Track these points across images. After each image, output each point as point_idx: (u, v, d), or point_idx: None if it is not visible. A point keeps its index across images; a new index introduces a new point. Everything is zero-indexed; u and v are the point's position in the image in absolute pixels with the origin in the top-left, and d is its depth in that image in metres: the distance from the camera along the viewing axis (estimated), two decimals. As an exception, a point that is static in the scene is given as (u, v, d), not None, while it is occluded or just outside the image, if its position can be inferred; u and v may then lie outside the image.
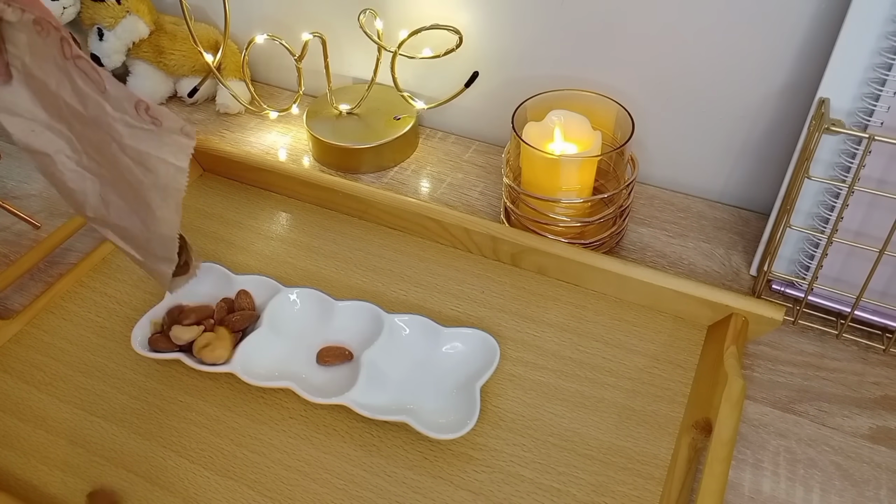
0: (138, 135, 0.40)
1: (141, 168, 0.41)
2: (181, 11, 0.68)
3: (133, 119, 0.40)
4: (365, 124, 0.72)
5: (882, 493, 0.45)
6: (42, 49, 0.40)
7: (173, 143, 0.40)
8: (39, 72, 0.41)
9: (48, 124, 0.43)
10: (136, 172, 0.42)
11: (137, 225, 0.45)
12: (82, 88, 0.40)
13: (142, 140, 0.40)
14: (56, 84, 0.41)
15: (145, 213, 0.44)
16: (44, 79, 0.41)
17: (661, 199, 0.67)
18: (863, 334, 0.54)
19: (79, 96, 0.41)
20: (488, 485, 0.45)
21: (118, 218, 0.46)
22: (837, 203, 0.50)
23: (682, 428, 0.48)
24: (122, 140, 0.41)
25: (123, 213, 0.45)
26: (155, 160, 0.41)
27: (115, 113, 0.40)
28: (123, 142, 0.41)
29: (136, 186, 0.43)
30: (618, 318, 0.55)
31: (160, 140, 0.40)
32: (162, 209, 0.43)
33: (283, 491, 0.45)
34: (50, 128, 0.43)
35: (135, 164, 0.41)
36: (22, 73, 0.41)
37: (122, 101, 0.40)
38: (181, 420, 0.49)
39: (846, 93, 0.49)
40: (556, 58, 0.66)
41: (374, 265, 0.60)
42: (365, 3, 0.68)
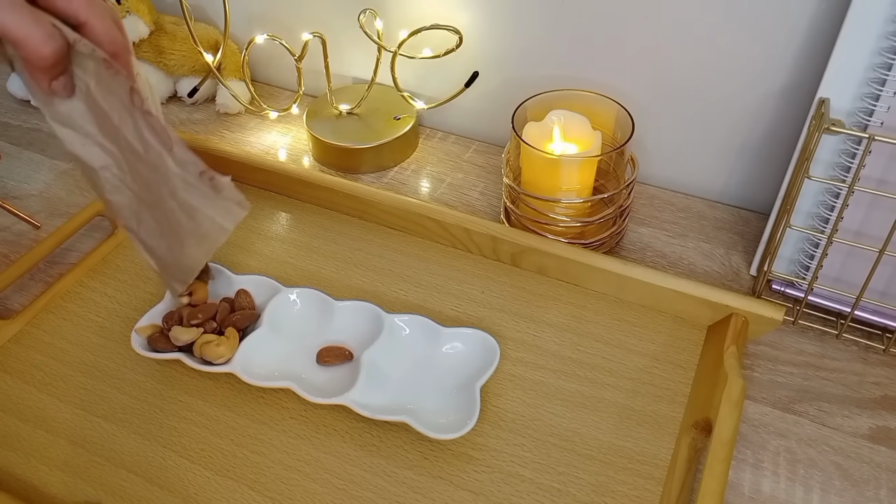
0: (193, 192, 0.41)
1: (186, 216, 0.42)
2: (181, 11, 0.68)
3: (192, 180, 0.41)
4: (365, 124, 0.72)
5: (882, 493, 0.45)
6: (109, 83, 0.40)
7: (225, 209, 0.41)
8: (104, 102, 0.41)
9: (99, 142, 0.44)
10: (179, 216, 0.43)
11: (164, 249, 0.46)
12: (146, 137, 0.41)
13: (195, 196, 0.41)
14: (119, 120, 0.41)
15: (175, 245, 0.45)
16: (107, 110, 0.41)
17: (661, 199, 0.67)
18: (863, 334, 0.54)
19: (140, 140, 0.41)
20: (488, 485, 0.45)
21: (147, 236, 0.47)
22: (837, 203, 0.50)
23: (682, 428, 0.48)
24: (176, 191, 0.42)
25: (153, 234, 0.46)
26: (202, 216, 0.42)
27: (176, 169, 0.41)
28: (177, 193, 0.42)
29: (174, 225, 0.43)
30: (618, 318, 0.55)
31: (213, 203, 0.41)
32: (193, 248, 0.44)
33: (283, 491, 0.45)
34: (100, 145, 0.44)
35: (181, 210, 0.42)
36: (85, 94, 0.42)
37: (187, 164, 0.41)
38: (181, 420, 0.49)
39: (846, 93, 0.49)
40: (556, 58, 0.66)
41: (374, 265, 0.60)
42: (365, 3, 0.68)
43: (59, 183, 0.70)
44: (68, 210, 0.67)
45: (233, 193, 0.41)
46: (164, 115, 0.80)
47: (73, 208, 0.67)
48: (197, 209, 0.42)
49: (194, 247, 0.44)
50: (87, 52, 0.39)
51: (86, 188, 0.69)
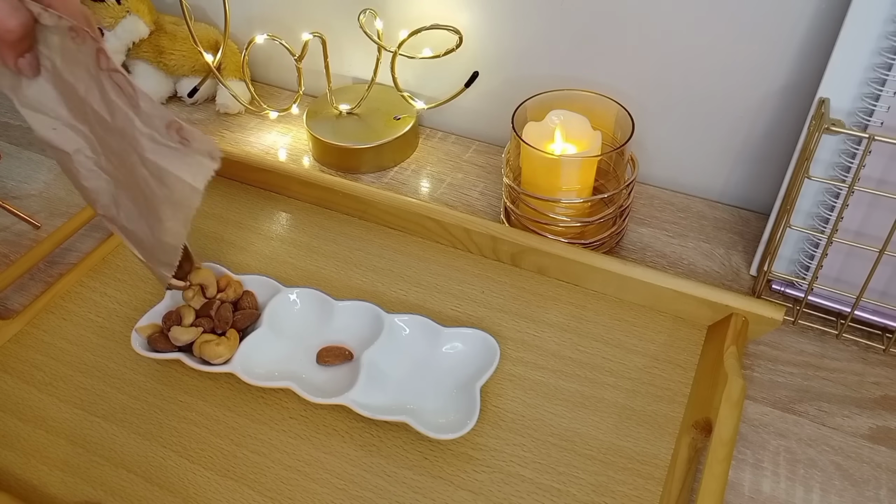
0: (162, 151, 0.41)
1: (157, 182, 0.42)
2: (181, 11, 0.68)
3: (161, 136, 0.40)
4: (365, 124, 0.72)
5: (882, 493, 0.45)
6: (75, 55, 0.40)
7: (195, 164, 0.40)
8: (70, 76, 0.41)
9: (70, 123, 0.43)
10: (152, 185, 0.42)
11: (145, 230, 0.46)
12: (113, 100, 0.40)
13: (164, 156, 0.41)
14: (85, 90, 0.41)
15: (154, 222, 0.44)
16: (73, 83, 0.41)
17: (661, 199, 0.67)
18: (863, 334, 0.54)
19: (107, 106, 0.41)
20: (488, 485, 0.45)
21: (127, 220, 0.46)
22: (837, 203, 0.50)
23: (682, 428, 0.48)
24: (144, 153, 0.41)
25: (133, 216, 0.46)
26: (173, 178, 0.41)
27: (143, 128, 0.40)
28: (145, 155, 0.41)
29: (149, 197, 0.43)
30: (618, 318, 0.55)
31: (182, 159, 0.40)
32: (171, 220, 0.43)
33: (283, 491, 0.45)
34: (72, 127, 0.44)
35: (152, 177, 0.42)
36: (51, 72, 0.42)
37: (153, 118, 0.40)
38: (181, 420, 0.49)
39: (846, 93, 0.49)
40: (556, 58, 0.66)
41: (374, 265, 0.60)
42: (365, 3, 0.68)
43: (59, 183, 0.70)
44: (68, 210, 0.67)
45: (203, 144, 0.40)
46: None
47: (73, 208, 0.67)
48: (167, 172, 0.41)
49: (171, 218, 0.43)
50: (52, 23, 0.39)
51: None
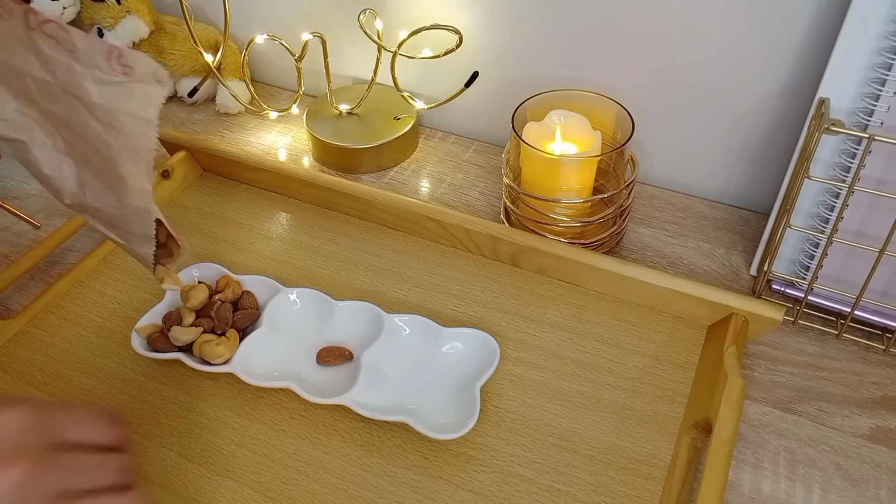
0: (108, 91, 0.39)
1: (111, 131, 0.40)
2: (181, 11, 0.68)
3: (104, 71, 0.38)
4: (365, 124, 0.72)
5: (882, 493, 0.45)
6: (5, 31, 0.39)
7: (143, 96, 0.39)
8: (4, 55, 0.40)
9: (19, 110, 0.42)
10: (106, 137, 0.40)
11: (113, 203, 0.44)
12: (50, 55, 0.39)
13: (111, 97, 0.39)
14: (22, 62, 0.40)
15: (119, 187, 0.42)
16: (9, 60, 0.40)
17: (661, 199, 0.67)
18: (863, 334, 0.54)
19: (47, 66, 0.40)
20: (488, 485, 0.45)
21: (94, 199, 0.44)
22: (837, 203, 0.50)
23: (682, 428, 0.48)
24: (91, 99, 0.39)
25: (99, 192, 0.44)
26: (124, 117, 0.39)
27: (84, 70, 0.39)
28: (92, 101, 0.39)
29: (106, 155, 0.41)
30: (618, 318, 0.55)
31: (130, 94, 0.39)
32: (133, 177, 0.41)
33: (283, 491, 0.45)
34: (21, 113, 0.42)
35: (104, 127, 0.40)
36: None
37: (92, 54, 0.38)
38: (181, 420, 0.49)
39: (846, 93, 0.49)
40: (556, 58, 0.66)
41: (374, 265, 0.60)
42: (365, 3, 0.68)
43: (59, 183, 0.70)
44: (68, 210, 0.67)
45: (146, 66, 0.38)
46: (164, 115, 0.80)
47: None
48: (117, 112, 0.39)
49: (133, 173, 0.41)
50: None
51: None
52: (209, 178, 0.69)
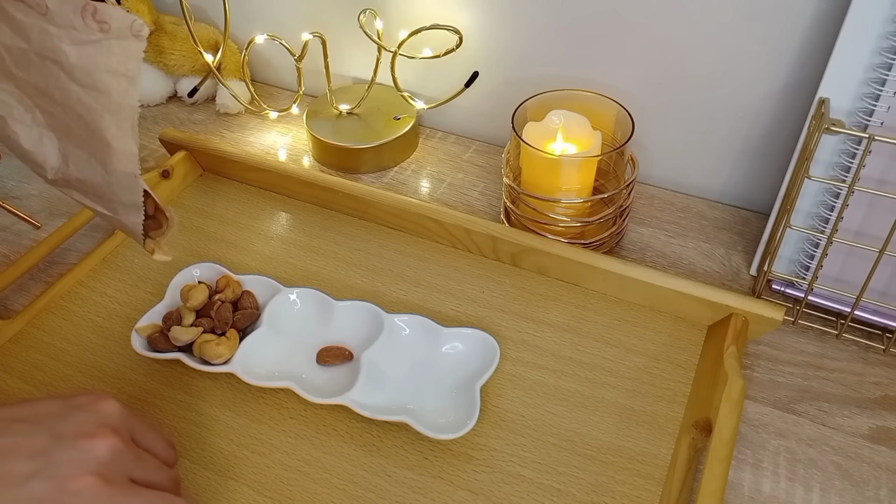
0: (86, 52, 0.38)
1: (92, 93, 0.39)
2: (181, 11, 0.68)
3: (80, 31, 0.37)
4: (365, 124, 0.72)
5: (882, 493, 0.45)
6: None
7: (122, 52, 0.38)
8: None
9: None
10: (87, 100, 0.39)
11: (98, 171, 0.43)
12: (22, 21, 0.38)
13: (89, 57, 0.38)
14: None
15: (103, 154, 0.41)
16: None
17: (661, 199, 0.67)
18: (863, 334, 0.54)
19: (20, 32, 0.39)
20: (488, 485, 0.45)
21: (78, 171, 0.43)
22: (837, 203, 0.50)
23: (682, 428, 0.48)
24: (70, 62, 0.38)
25: (83, 162, 0.43)
26: (105, 76, 0.38)
27: (59, 32, 0.38)
28: (71, 63, 0.38)
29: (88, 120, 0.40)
30: (618, 318, 0.55)
31: (109, 51, 0.38)
32: (118, 140, 0.40)
33: (283, 491, 0.45)
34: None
35: (85, 90, 0.39)
36: None
37: (66, 13, 0.37)
38: (181, 420, 0.49)
39: (846, 93, 0.49)
40: (556, 58, 0.66)
41: (374, 265, 0.60)
42: (365, 3, 0.68)
43: (59, 183, 0.70)
44: (68, 210, 0.67)
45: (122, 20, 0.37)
46: (164, 115, 0.80)
47: (73, 208, 0.67)
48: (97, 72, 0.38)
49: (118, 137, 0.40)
50: None
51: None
52: (209, 178, 0.69)
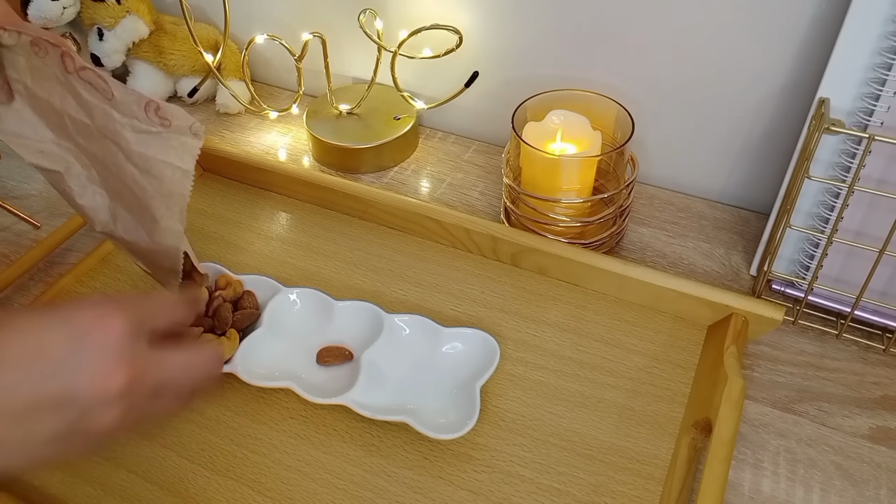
0: (145, 140, 0.40)
1: (146, 176, 0.41)
2: (181, 11, 0.68)
3: (142, 122, 0.40)
4: (365, 124, 0.72)
5: (882, 493, 0.45)
6: (42, 69, 0.40)
7: (180, 146, 0.40)
8: (42, 91, 0.41)
9: (56, 142, 0.43)
10: (142, 181, 0.42)
11: (143, 238, 0.45)
12: (88, 100, 0.40)
13: (149, 145, 0.40)
14: (60, 101, 0.41)
15: (150, 225, 0.44)
16: (47, 98, 0.41)
17: (661, 199, 0.67)
18: (863, 334, 0.54)
19: (84, 108, 0.41)
20: (488, 485, 0.45)
21: (125, 232, 0.46)
22: (837, 203, 0.50)
23: (682, 428, 0.48)
24: (129, 146, 0.41)
25: (130, 226, 0.45)
26: (161, 165, 0.41)
27: (122, 119, 0.40)
28: (130, 148, 0.41)
29: (140, 197, 0.43)
30: (618, 318, 0.55)
31: (167, 143, 0.40)
32: (166, 219, 0.43)
33: (283, 491, 0.45)
34: (58, 145, 0.44)
35: (140, 172, 0.41)
36: (25, 95, 0.42)
37: (130, 104, 0.40)
38: (181, 420, 0.49)
39: (846, 93, 0.49)
40: (556, 58, 0.66)
41: (374, 265, 0.60)
42: (365, 3, 0.68)
43: (59, 183, 0.70)
44: (68, 210, 0.67)
45: (184, 120, 0.39)
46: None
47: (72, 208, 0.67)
48: (154, 160, 0.40)
49: (166, 216, 0.43)
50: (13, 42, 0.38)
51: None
52: (209, 178, 0.69)
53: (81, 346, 0.34)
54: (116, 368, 0.34)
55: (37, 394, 0.33)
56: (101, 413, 0.34)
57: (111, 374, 0.34)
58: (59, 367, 0.33)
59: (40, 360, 0.33)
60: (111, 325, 0.35)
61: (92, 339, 0.34)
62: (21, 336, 0.34)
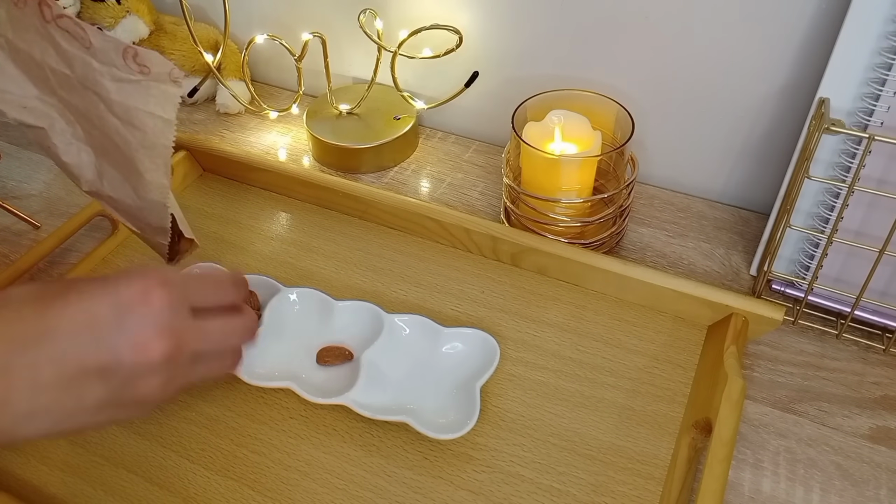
0: (126, 89, 0.39)
1: (129, 127, 0.41)
2: (181, 11, 0.68)
3: (121, 69, 0.39)
4: (365, 124, 0.72)
5: (882, 493, 0.45)
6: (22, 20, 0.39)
7: (160, 94, 0.39)
8: (23, 44, 0.40)
9: (39, 98, 0.43)
10: (124, 133, 0.41)
11: (130, 195, 0.44)
12: (67, 50, 0.40)
13: (129, 94, 0.40)
14: (41, 52, 0.40)
15: (136, 181, 0.43)
16: (28, 50, 0.41)
17: (661, 199, 0.67)
18: (863, 334, 0.54)
19: (64, 59, 0.40)
20: (488, 485, 0.45)
21: (111, 189, 0.45)
22: (837, 203, 0.50)
23: (682, 428, 0.48)
24: (110, 96, 0.40)
25: (116, 183, 0.45)
26: (142, 115, 0.40)
27: (101, 67, 0.39)
28: (111, 98, 0.40)
29: (124, 150, 0.42)
30: (618, 318, 0.55)
31: (147, 92, 0.39)
32: (151, 172, 0.42)
33: (283, 491, 0.45)
34: (41, 101, 0.43)
35: (122, 123, 0.41)
36: (7, 49, 0.41)
37: (108, 52, 0.39)
38: (181, 420, 0.49)
39: (846, 93, 0.49)
40: (556, 58, 0.66)
41: (374, 265, 0.60)
42: (365, 3, 0.68)
43: (59, 183, 0.70)
44: (68, 210, 0.67)
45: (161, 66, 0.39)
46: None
47: (73, 208, 0.67)
48: (135, 110, 0.40)
49: (151, 169, 0.42)
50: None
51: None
52: (209, 178, 0.69)
53: (126, 317, 0.36)
54: (158, 338, 0.37)
55: (84, 361, 0.35)
56: (143, 381, 0.37)
57: (153, 344, 0.36)
58: (105, 336, 0.36)
59: (88, 330, 0.35)
60: (154, 297, 0.37)
61: (136, 310, 0.36)
62: (71, 308, 0.36)
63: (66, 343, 0.35)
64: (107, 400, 0.36)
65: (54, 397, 0.35)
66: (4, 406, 0.34)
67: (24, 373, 0.34)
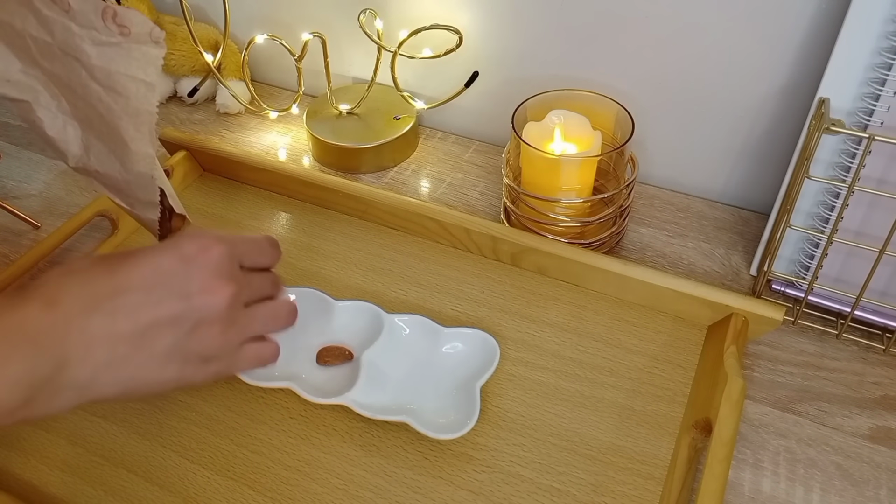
0: (106, 53, 0.39)
1: (111, 94, 0.40)
2: (181, 11, 0.68)
3: (101, 32, 0.38)
4: (365, 124, 0.72)
5: (882, 493, 0.45)
6: None
7: (141, 56, 0.39)
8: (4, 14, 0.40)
9: (23, 71, 0.42)
10: (107, 100, 0.40)
11: (117, 168, 0.44)
12: (47, 15, 0.39)
13: (110, 59, 0.39)
14: (21, 21, 0.40)
15: (122, 152, 0.43)
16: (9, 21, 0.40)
17: (661, 199, 0.67)
18: (863, 334, 0.54)
19: (45, 26, 0.40)
20: (488, 485, 0.45)
21: (98, 163, 0.45)
22: (837, 203, 0.50)
23: (682, 428, 0.48)
24: (91, 62, 0.39)
25: (103, 156, 0.44)
26: (124, 79, 0.39)
27: (81, 31, 0.39)
28: (92, 63, 0.39)
29: (108, 119, 0.41)
30: (618, 318, 0.55)
31: (128, 55, 0.39)
32: (136, 141, 0.42)
33: (283, 491, 0.45)
34: (25, 74, 0.42)
35: (105, 90, 0.40)
36: None
37: (87, 14, 0.38)
38: (181, 420, 0.49)
39: (846, 93, 0.49)
40: (556, 57, 0.66)
41: (374, 265, 0.60)
42: (365, 3, 0.68)
43: (59, 183, 0.70)
44: (68, 210, 0.67)
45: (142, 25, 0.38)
46: (164, 115, 0.80)
47: (73, 208, 0.67)
48: (116, 74, 0.39)
49: (136, 138, 0.41)
50: None
51: (85, 187, 0.69)
52: (209, 178, 0.69)
53: (190, 267, 0.40)
54: (221, 283, 0.41)
55: (156, 312, 0.38)
56: (207, 328, 0.40)
57: (217, 288, 0.40)
58: (173, 287, 0.39)
59: (158, 283, 0.39)
60: (213, 250, 0.41)
61: (198, 261, 0.40)
62: (140, 266, 0.39)
63: (139, 297, 0.38)
64: (174, 349, 0.39)
65: (130, 349, 0.37)
66: (86, 356, 0.36)
67: (104, 326, 0.37)
